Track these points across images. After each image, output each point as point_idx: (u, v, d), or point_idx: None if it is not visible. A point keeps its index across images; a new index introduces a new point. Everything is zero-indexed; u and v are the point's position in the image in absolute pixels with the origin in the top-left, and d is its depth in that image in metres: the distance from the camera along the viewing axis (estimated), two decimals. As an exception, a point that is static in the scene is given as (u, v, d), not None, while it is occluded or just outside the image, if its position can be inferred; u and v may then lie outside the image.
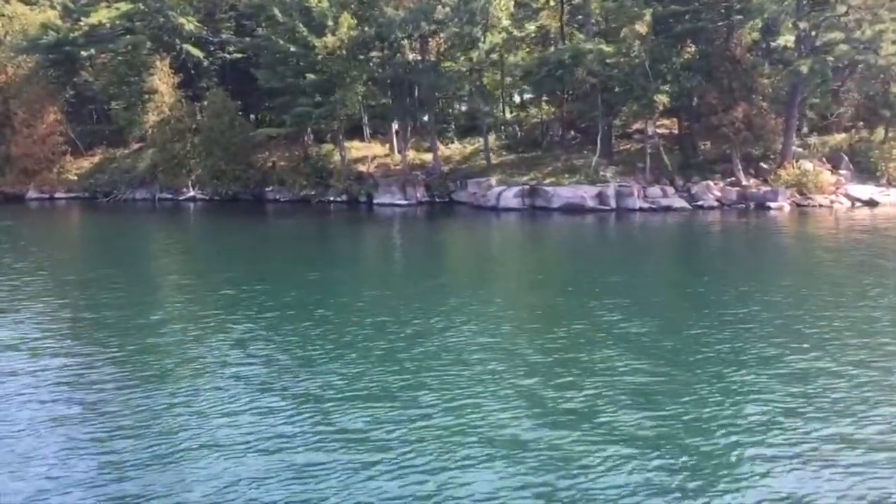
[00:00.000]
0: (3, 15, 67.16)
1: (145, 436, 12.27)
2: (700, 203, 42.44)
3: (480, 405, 13.30)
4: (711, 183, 43.41)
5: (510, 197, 43.89)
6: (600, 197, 42.55)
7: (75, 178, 58.19)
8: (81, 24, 57.08)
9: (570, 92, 49.96)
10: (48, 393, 14.34)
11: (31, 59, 60.33)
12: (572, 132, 54.92)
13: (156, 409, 13.36)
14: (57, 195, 57.54)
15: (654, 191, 43.03)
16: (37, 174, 57.78)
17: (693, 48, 43.83)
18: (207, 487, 10.54)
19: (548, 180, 45.44)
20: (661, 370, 14.95)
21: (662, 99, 41.35)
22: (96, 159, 59.71)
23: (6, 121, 59.10)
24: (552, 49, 51.46)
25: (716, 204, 42.55)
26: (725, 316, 19.12)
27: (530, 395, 13.79)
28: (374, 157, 52.85)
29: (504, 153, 52.57)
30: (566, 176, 45.77)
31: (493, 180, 45.98)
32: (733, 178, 44.05)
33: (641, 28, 41.48)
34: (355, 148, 55.05)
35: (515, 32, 51.86)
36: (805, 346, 16.47)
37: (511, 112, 58.78)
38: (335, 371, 15.20)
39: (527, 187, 44.33)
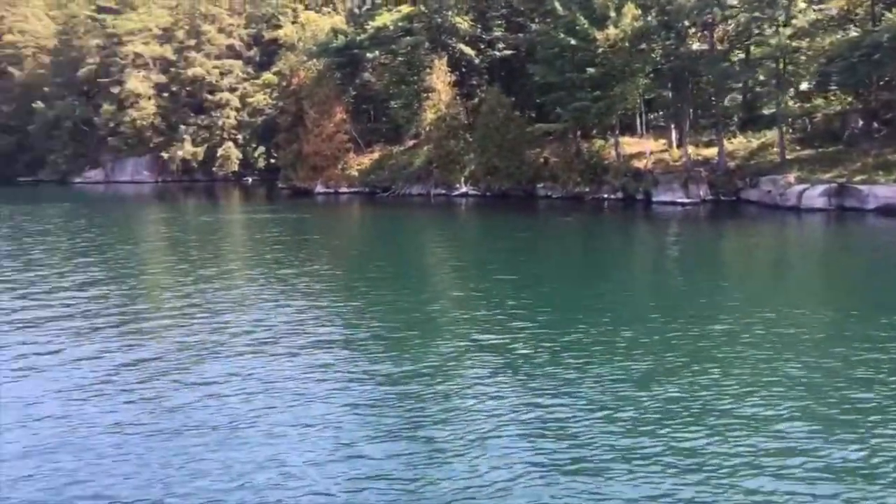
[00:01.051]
0: (297, 22, 73.04)
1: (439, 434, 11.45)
2: None
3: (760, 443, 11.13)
4: None
5: (814, 196, 39.63)
6: (928, 198, 37.15)
7: (356, 174, 61.62)
8: (367, 27, 60.16)
9: (886, 79, 44.21)
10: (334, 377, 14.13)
11: (320, 63, 64.69)
12: (875, 124, 48.86)
13: (433, 404, 12.58)
14: (341, 190, 61.28)
15: None
16: (324, 170, 61.90)
17: None
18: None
19: (857, 178, 40.52)
20: None
21: None
22: (375, 156, 62.79)
23: (299, 121, 63.98)
24: (853, 31, 46.00)
25: None
26: None
27: (808, 441, 11.27)
28: (652, 153, 50.42)
29: (797, 148, 47.90)
30: (880, 173, 40.54)
31: (792, 177, 41.84)
32: None
33: None
34: (627, 143, 53.03)
35: (814, 15, 46.98)
36: None
37: (796, 102, 53.55)
38: (609, 379, 13.67)
39: (834, 185, 39.78)
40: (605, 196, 49.44)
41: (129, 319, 19.82)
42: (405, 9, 60.22)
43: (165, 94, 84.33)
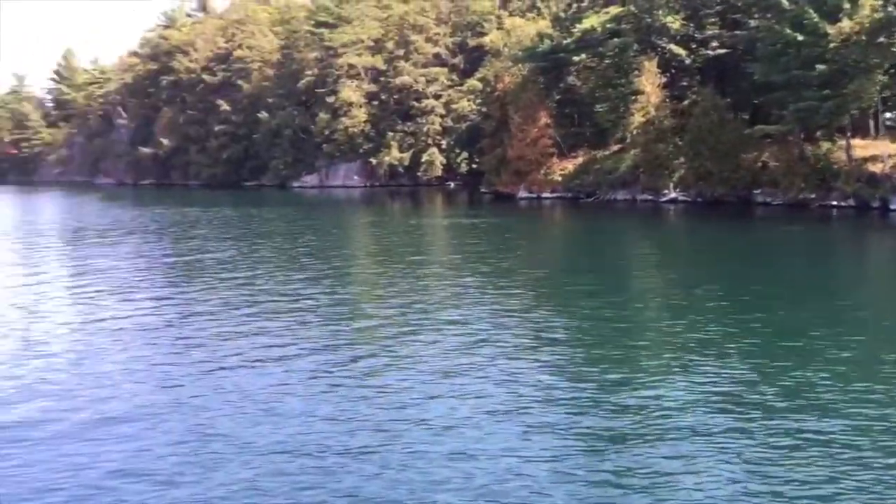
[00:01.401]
0: (501, 28, 73.71)
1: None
2: None
3: None
4: None
5: None
6: None
7: (559, 178, 61.00)
8: (574, 30, 59.41)
9: None
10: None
11: (524, 68, 64.73)
12: None
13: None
14: (543, 195, 60.91)
15: None
16: (527, 175, 61.85)
17: None
18: None
19: None
20: None
21: None
22: (579, 161, 61.79)
23: (502, 126, 64.42)
24: None
25: None
26: None
27: None
28: (890, 156, 45.70)
29: None
30: None
31: None
32: None
33: None
34: (859, 145, 48.45)
35: None
36: None
37: None
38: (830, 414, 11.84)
39: None
40: (834, 203, 45.54)
41: (350, 317, 20.68)
42: (613, 10, 58.88)
43: (375, 103, 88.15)
